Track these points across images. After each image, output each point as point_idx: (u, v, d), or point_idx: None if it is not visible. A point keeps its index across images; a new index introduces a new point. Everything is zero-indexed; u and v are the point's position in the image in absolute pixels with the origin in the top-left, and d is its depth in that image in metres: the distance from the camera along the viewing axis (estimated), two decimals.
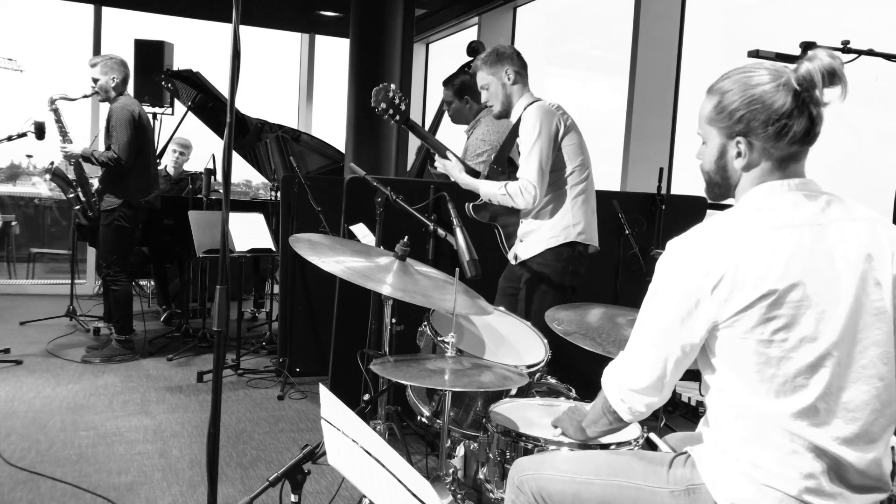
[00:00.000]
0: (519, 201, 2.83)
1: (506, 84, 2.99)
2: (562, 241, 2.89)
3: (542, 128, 2.83)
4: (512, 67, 2.98)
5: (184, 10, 7.38)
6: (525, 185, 2.81)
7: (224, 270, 1.81)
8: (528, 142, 2.84)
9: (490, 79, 3.00)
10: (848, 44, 2.32)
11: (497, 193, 2.87)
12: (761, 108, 1.40)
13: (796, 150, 1.43)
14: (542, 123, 2.84)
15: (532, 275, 2.93)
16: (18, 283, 7.41)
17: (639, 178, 4.96)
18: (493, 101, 3.03)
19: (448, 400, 2.16)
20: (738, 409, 1.42)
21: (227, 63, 1.76)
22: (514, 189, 2.82)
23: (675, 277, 1.43)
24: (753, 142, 1.43)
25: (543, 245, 2.91)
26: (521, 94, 3.00)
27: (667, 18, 4.99)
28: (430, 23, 7.51)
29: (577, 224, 2.91)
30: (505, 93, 3.00)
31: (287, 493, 1.78)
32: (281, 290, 4.76)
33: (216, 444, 1.82)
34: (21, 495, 2.79)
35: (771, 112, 1.39)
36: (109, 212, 4.65)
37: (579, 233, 2.91)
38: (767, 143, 1.42)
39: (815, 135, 1.42)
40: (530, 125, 2.86)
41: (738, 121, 1.43)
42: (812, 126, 1.40)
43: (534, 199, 2.81)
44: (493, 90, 3.01)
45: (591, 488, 1.56)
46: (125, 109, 4.61)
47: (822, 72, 1.36)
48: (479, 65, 3.02)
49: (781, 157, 1.43)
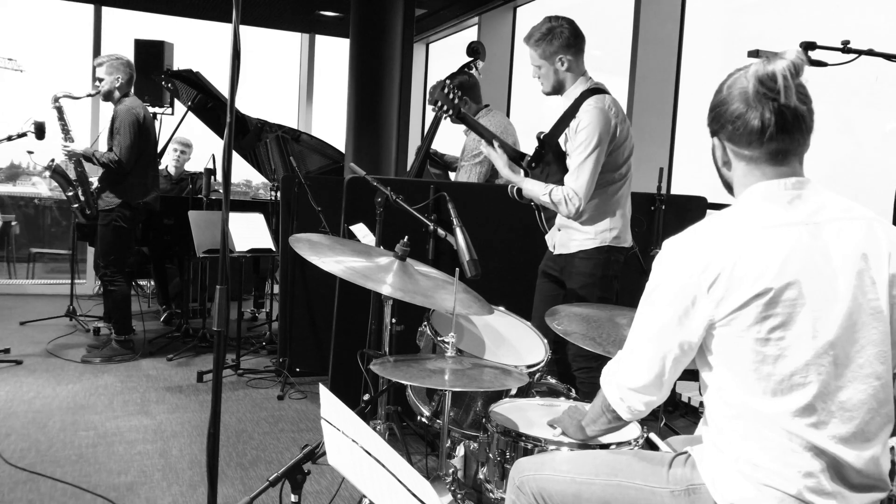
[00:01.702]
0: (561, 209, 2.76)
1: (559, 70, 2.88)
2: (597, 245, 2.85)
3: (601, 137, 2.73)
4: (567, 54, 2.85)
5: (184, 10, 7.38)
6: (571, 195, 2.72)
7: (224, 270, 1.81)
8: (582, 151, 2.73)
9: (542, 61, 2.89)
10: (848, 44, 2.32)
11: (540, 196, 2.79)
12: (723, 109, 1.44)
13: (767, 150, 1.42)
14: (602, 131, 2.73)
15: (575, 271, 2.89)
16: (18, 283, 7.42)
17: (639, 178, 4.93)
18: (543, 81, 2.92)
19: (448, 400, 2.16)
20: (736, 410, 1.42)
21: (227, 63, 1.76)
22: (558, 197, 2.74)
23: (671, 275, 1.44)
24: (724, 142, 1.48)
25: (578, 245, 2.87)
26: (575, 78, 2.90)
27: (667, 18, 4.99)
28: (430, 23, 7.51)
29: (613, 229, 2.86)
30: (557, 78, 2.89)
31: (287, 493, 1.78)
32: (281, 290, 4.76)
33: (216, 444, 1.82)
34: (21, 495, 2.79)
35: (727, 113, 1.43)
36: (108, 212, 4.66)
37: (615, 237, 2.87)
38: (732, 142, 1.45)
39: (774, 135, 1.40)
40: (587, 131, 2.74)
41: (713, 120, 1.48)
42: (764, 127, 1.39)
43: (577, 211, 2.73)
44: (544, 72, 2.89)
45: (591, 488, 1.56)
46: (131, 112, 4.62)
47: (759, 76, 1.38)
48: (532, 43, 2.90)
49: (751, 157, 1.44)
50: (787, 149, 1.42)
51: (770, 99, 1.38)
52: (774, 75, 1.37)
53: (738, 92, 1.42)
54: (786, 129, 1.40)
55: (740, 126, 1.42)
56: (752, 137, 1.41)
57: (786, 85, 1.37)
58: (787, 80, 1.37)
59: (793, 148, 1.43)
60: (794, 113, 1.39)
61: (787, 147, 1.42)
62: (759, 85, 1.39)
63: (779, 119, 1.39)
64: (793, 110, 1.39)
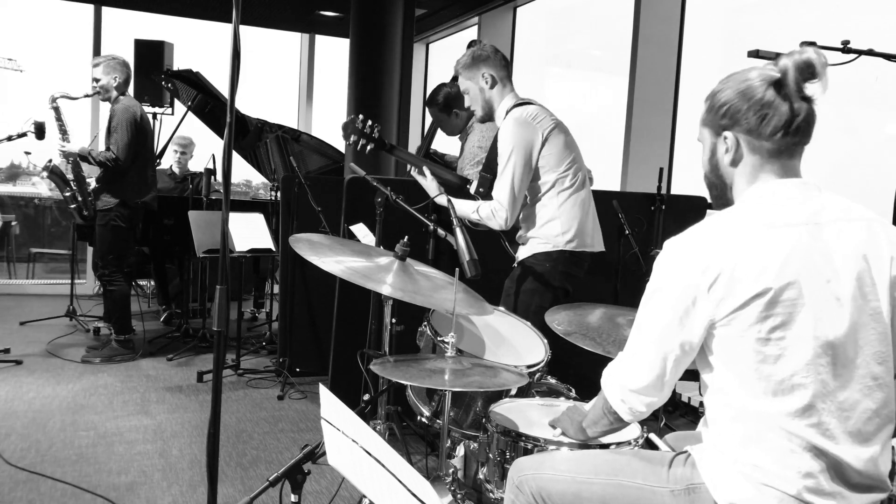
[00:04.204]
0: (492, 224, 2.80)
1: (484, 88, 2.89)
2: (551, 249, 2.83)
3: (515, 145, 2.75)
4: (489, 70, 2.87)
5: (184, 10, 7.38)
6: (496, 207, 2.76)
7: (224, 270, 1.81)
8: (502, 160, 2.78)
9: (468, 84, 2.92)
10: (848, 44, 2.32)
11: (470, 214, 2.83)
12: (743, 99, 1.44)
13: (783, 144, 1.43)
14: (516, 140, 2.76)
15: (522, 273, 2.90)
16: (18, 283, 7.42)
17: (639, 178, 4.96)
18: (474, 106, 2.95)
19: (448, 400, 2.16)
20: (736, 411, 1.42)
21: (227, 63, 1.76)
22: (486, 212, 2.78)
23: (672, 276, 1.44)
24: (738, 135, 1.46)
25: (534, 248, 2.87)
26: (501, 96, 2.90)
27: (667, 18, 4.99)
28: (430, 23, 7.51)
29: (566, 232, 2.82)
30: (484, 97, 2.91)
31: (287, 493, 1.78)
32: (281, 290, 4.76)
33: (216, 444, 1.82)
34: (21, 495, 2.79)
35: (752, 102, 1.43)
36: (106, 212, 4.66)
37: (568, 241, 2.82)
38: (751, 134, 1.45)
39: (799, 129, 1.42)
40: (504, 142, 2.78)
41: (724, 115, 1.47)
42: (793, 118, 1.41)
43: (505, 221, 2.76)
44: (472, 95, 2.93)
45: (591, 488, 1.56)
46: (128, 111, 4.62)
47: (798, 65, 1.39)
48: (458, 69, 2.93)
49: (768, 150, 1.45)
50: (797, 145, 1.45)
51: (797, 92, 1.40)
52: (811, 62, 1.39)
53: (761, 82, 1.42)
54: (807, 124, 1.43)
55: (769, 113, 1.42)
56: (778, 127, 1.42)
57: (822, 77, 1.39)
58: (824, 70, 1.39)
59: (800, 146, 1.46)
60: (812, 111, 1.43)
61: (798, 143, 1.45)
62: (798, 73, 1.39)
63: (806, 112, 1.42)
64: (812, 107, 1.42)
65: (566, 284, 2.89)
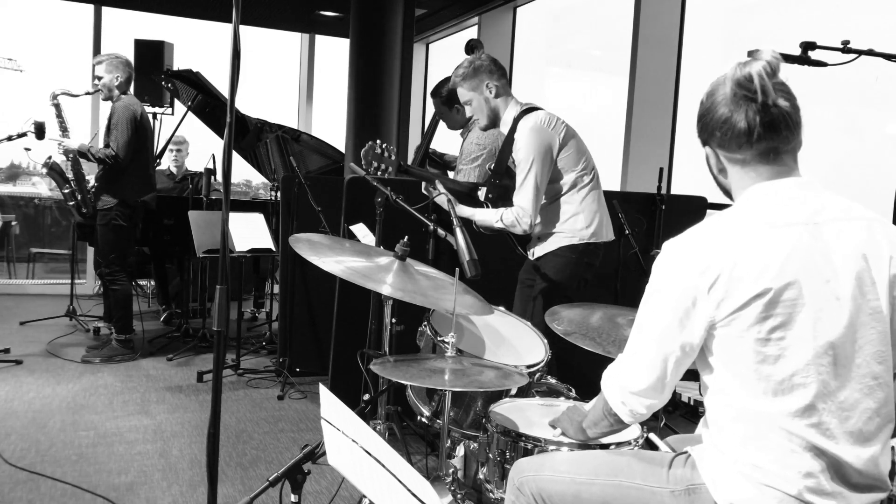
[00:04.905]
0: (516, 230, 2.86)
1: (489, 98, 2.95)
2: (577, 242, 2.93)
3: (535, 154, 2.82)
4: (492, 80, 2.92)
5: (184, 10, 7.38)
6: (520, 213, 2.83)
7: (224, 270, 1.81)
8: (522, 168, 2.84)
9: (471, 94, 2.96)
10: (848, 44, 2.32)
11: (493, 223, 2.89)
12: (708, 116, 1.46)
13: (759, 150, 1.43)
14: (536, 148, 2.82)
15: (546, 266, 2.95)
16: (18, 283, 7.42)
17: (639, 178, 4.96)
18: (478, 116, 2.99)
19: (448, 400, 2.16)
20: (736, 412, 1.42)
21: (227, 63, 1.76)
22: (510, 219, 2.84)
23: (672, 277, 1.44)
24: (715, 149, 1.48)
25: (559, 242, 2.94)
26: (506, 104, 2.97)
27: (667, 18, 4.99)
28: (430, 23, 7.51)
29: (589, 226, 2.94)
30: (489, 107, 2.96)
31: (287, 493, 1.78)
32: (281, 290, 4.76)
33: (216, 444, 1.82)
34: (21, 495, 2.79)
35: (714, 119, 1.45)
36: (106, 211, 4.66)
37: (592, 234, 2.94)
38: (723, 148, 1.46)
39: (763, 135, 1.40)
40: (523, 150, 2.84)
41: (701, 129, 1.50)
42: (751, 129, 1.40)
43: (529, 226, 2.84)
44: (476, 105, 2.97)
45: (591, 489, 1.56)
46: (128, 109, 4.63)
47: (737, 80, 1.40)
48: (458, 81, 2.96)
49: (744, 160, 1.45)
50: (778, 147, 1.43)
51: (750, 100, 1.40)
52: (751, 76, 1.39)
53: (720, 98, 1.44)
54: (773, 128, 1.41)
55: (728, 130, 1.43)
56: (742, 140, 1.42)
57: (762, 84, 1.38)
58: (763, 79, 1.38)
59: (783, 146, 1.43)
60: (779, 111, 1.40)
61: (777, 145, 1.43)
62: (738, 88, 1.41)
63: (763, 118, 1.40)
64: (777, 108, 1.40)
65: (587, 274, 3.00)
